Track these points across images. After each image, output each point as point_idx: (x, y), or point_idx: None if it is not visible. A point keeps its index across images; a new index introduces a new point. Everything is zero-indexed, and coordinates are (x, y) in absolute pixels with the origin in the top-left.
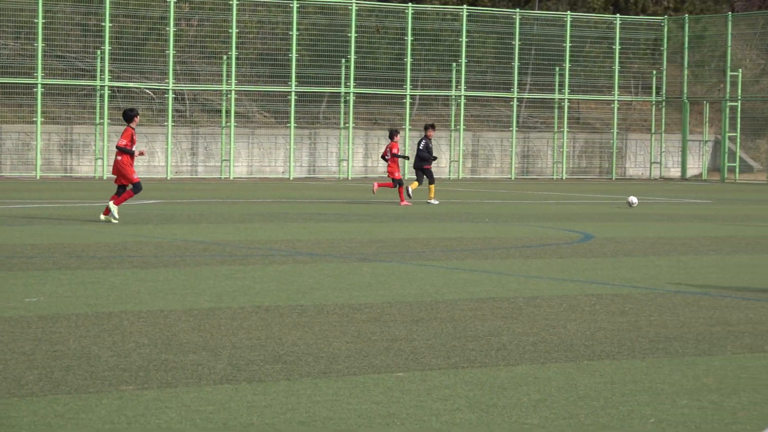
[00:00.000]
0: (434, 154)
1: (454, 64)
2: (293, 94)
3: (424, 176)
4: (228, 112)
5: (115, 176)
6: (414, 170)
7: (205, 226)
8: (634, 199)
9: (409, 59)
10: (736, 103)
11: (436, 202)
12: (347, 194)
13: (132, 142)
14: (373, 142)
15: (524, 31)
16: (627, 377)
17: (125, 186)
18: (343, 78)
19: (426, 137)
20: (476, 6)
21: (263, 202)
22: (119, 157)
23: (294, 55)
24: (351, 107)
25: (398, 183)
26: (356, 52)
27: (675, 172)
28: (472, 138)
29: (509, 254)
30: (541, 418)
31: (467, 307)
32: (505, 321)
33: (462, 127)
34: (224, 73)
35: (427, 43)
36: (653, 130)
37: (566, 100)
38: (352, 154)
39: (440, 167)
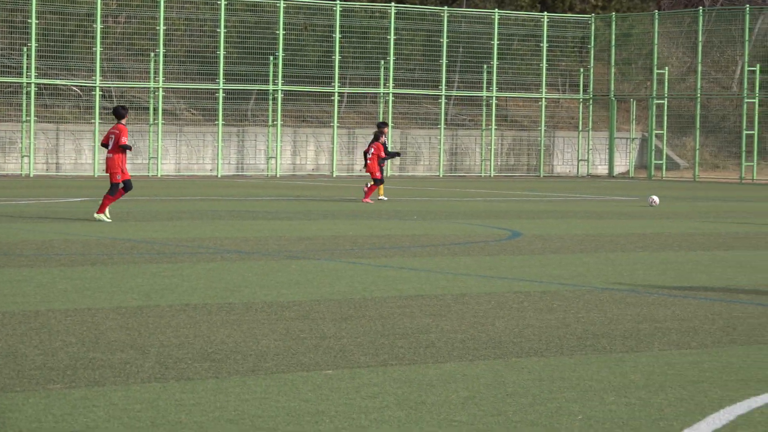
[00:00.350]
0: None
1: (383, 62)
2: (221, 91)
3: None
4: (156, 109)
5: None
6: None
7: (132, 224)
8: (655, 198)
9: (337, 57)
10: (662, 101)
11: (373, 202)
12: (276, 192)
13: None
14: (301, 140)
15: (452, 28)
16: (555, 374)
17: (125, 181)
18: (271, 75)
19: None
20: (404, 3)
21: (191, 199)
22: (111, 155)
23: (222, 53)
24: (279, 105)
25: (379, 182)
26: (284, 50)
27: (602, 169)
28: (400, 135)
29: (437, 252)
30: (469, 415)
31: (396, 304)
32: (434, 318)
33: (390, 124)
34: (152, 71)
35: (356, 41)
36: (580, 128)
37: (494, 98)
38: (281, 152)
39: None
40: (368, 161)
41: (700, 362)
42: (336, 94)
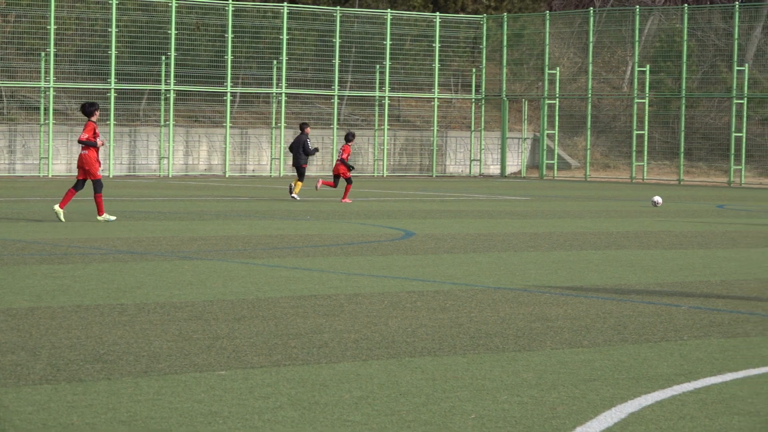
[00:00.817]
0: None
1: (275, 62)
2: (113, 91)
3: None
4: (46, 109)
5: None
6: (295, 167)
7: (23, 225)
8: (658, 199)
9: (229, 56)
10: (554, 101)
11: (299, 199)
12: (168, 192)
13: (95, 135)
14: (193, 140)
15: (345, 28)
16: (448, 373)
17: (84, 181)
18: (163, 75)
19: (305, 133)
20: (297, 3)
21: (82, 199)
22: (85, 152)
23: (113, 52)
24: (171, 104)
25: (348, 181)
26: (176, 49)
27: (494, 169)
28: (293, 135)
29: (331, 252)
30: (363, 415)
31: (289, 304)
32: (327, 318)
33: (283, 124)
34: (42, 70)
35: (248, 41)
36: (473, 128)
37: (387, 98)
38: (173, 152)
39: (261, 164)
40: (338, 162)
41: (592, 361)
42: (228, 94)
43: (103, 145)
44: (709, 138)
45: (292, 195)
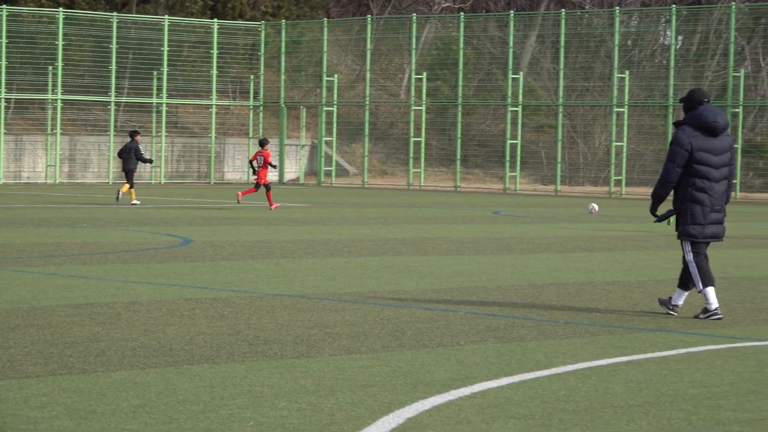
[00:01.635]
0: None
1: (51, 68)
2: None
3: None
4: None
5: None
6: (126, 173)
7: None
8: (594, 207)
9: (3, 62)
10: (332, 108)
11: (139, 203)
12: None
13: None
14: None
15: (122, 34)
16: (226, 381)
17: None
18: None
19: (135, 141)
20: (73, 9)
21: None
22: None
23: None
24: None
25: (267, 188)
26: None
27: (273, 176)
28: (69, 142)
29: (107, 259)
30: (140, 424)
31: (65, 313)
32: (104, 326)
33: (59, 131)
34: None
35: (23, 46)
36: (251, 135)
37: (164, 104)
38: None
39: (37, 172)
40: (258, 169)
41: (370, 366)
42: (2, 100)
43: None
44: (484, 145)
45: (120, 199)
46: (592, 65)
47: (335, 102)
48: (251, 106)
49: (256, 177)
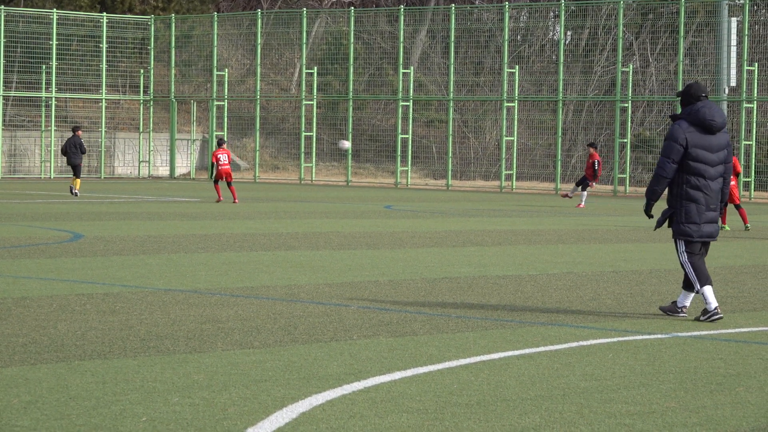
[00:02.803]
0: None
1: None
2: None
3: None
4: None
5: None
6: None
7: None
8: (345, 144)
9: None
10: (223, 103)
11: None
12: None
13: None
14: None
15: (10, 27)
16: (119, 376)
17: None
18: None
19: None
20: None
21: None
22: None
23: None
24: None
25: (231, 183)
26: None
27: (164, 170)
28: None
29: None
30: (32, 420)
31: None
32: None
33: None
34: None
35: None
36: (141, 129)
37: (53, 98)
38: None
39: None
40: (221, 166)
41: (263, 361)
42: None
43: None
44: (376, 140)
45: (75, 192)
46: (482, 60)
47: (226, 96)
48: (141, 101)
49: (217, 174)
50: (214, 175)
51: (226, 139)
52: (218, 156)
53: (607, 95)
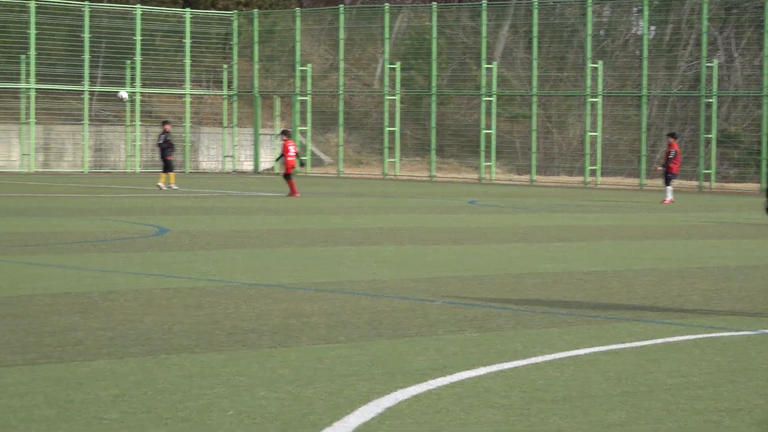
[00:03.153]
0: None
1: (23, 57)
2: None
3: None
4: None
5: None
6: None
7: None
8: (123, 94)
9: None
10: (306, 98)
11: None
12: None
13: None
14: None
15: (94, 23)
16: (205, 370)
17: None
18: None
19: (165, 132)
20: None
21: None
22: None
23: None
24: None
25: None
26: None
27: (248, 165)
28: (43, 131)
29: (84, 248)
30: (119, 413)
31: (43, 302)
32: (82, 316)
33: (33, 120)
34: None
35: None
36: (225, 124)
37: (138, 94)
38: None
39: (11, 161)
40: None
41: (349, 356)
42: None
43: None
44: (459, 135)
45: (170, 185)
46: (565, 55)
47: (309, 91)
48: (225, 96)
49: (284, 167)
50: (285, 168)
51: (309, 133)
52: (288, 147)
53: (692, 90)
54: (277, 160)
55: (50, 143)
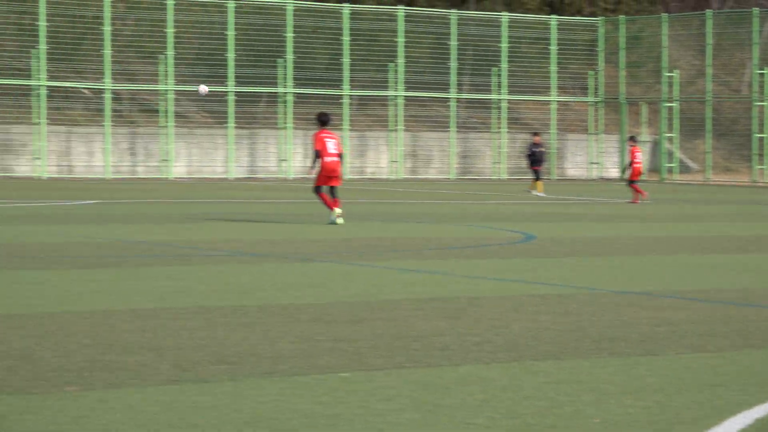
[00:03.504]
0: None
1: (391, 65)
2: (231, 94)
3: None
4: (166, 112)
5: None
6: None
7: (146, 227)
8: (204, 89)
9: (346, 59)
10: (673, 104)
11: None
12: (287, 194)
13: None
14: (311, 143)
15: (461, 31)
16: (571, 377)
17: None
18: (280, 78)
19: (535, 143)
20: (412, 6)
21: (203, 202)
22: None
23: (231, 55)
24: (289, 107)
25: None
26: (293, 52)
27: (614, 172)
28: (411, 138)
29: (450, 254)
30: (486, 418)
31: (409, 307)
32: (448, 321)
33: (401, 127)
34: (162, 73)
35: (364, 44)
36: (591, 131)
37: (504, 101)
38: (292, 155)
39: (380, 167)
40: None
41: (717, 366)
42: (346, 97)
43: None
44: None
45: (537, 194)
46: None
47: (676, 98)
48: (590, 103)
49: (630, 172)
50: (631, 174)
51: (676, 140)
52: (635, 153)
53: None
54: (628, 167)
55: (417, 150)
